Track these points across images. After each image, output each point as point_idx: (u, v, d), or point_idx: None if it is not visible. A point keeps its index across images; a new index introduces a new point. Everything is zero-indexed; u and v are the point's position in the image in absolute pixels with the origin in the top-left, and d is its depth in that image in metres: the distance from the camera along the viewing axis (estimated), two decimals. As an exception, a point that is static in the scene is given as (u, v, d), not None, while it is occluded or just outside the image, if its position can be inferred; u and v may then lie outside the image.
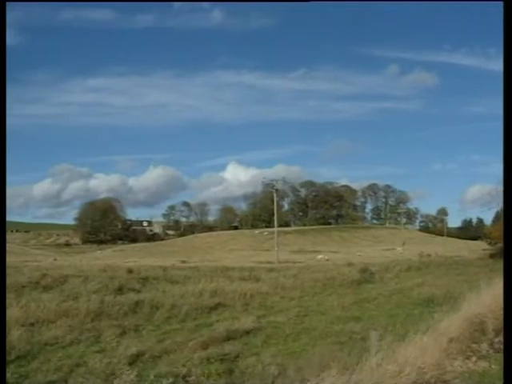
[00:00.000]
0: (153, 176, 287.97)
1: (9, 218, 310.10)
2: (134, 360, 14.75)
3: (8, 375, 13.13)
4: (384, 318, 21.46)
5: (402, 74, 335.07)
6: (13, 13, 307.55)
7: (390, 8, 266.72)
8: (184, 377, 12.76)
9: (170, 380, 12.30)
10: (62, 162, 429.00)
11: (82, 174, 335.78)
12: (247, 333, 18.84)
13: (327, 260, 77.92)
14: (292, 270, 47.59)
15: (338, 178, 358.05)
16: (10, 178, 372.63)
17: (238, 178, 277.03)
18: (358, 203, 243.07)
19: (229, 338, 17.84)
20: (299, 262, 70.96)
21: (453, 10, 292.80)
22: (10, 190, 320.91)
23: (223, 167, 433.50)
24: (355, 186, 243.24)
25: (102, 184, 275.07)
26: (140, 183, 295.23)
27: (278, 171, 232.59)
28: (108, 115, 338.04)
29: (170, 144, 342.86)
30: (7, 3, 13.41)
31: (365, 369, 10.44)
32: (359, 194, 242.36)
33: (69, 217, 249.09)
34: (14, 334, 17.24)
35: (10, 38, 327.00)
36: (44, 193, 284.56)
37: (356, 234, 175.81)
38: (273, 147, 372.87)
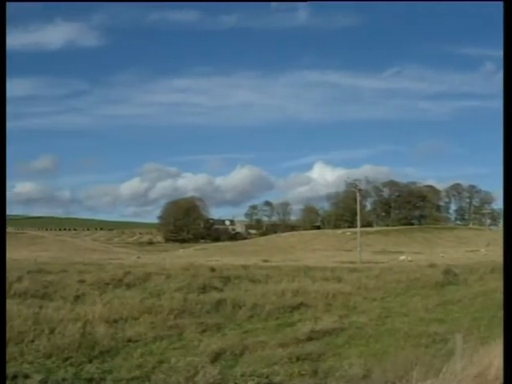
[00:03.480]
0: (239, 175, 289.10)
1: (96, 216, 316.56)
2: (215, 358, 14.79)
3: (92, 370, 13.34)
4: (468, 321, 21.10)
5: (494, 72, 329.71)
6: (98, 15, 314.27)
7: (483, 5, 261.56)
8: (267, 376, 12.75)
9: (253, 379, 12.31)
10: (150, 162, 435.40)
11: (171, 173, 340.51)
12: (329, 333, 18.72)
13: (410, 261, 76.89)
14: (374, 271, 47.12)
15: (424, 178, 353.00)
16: (97, 177, 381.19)
17: (324, 177, 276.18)
18: (441, 204, 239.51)
19: (311, 337, 17.76)
20: (382, 263, 70.22)
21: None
22: (97, 189, 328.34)
23: (309, 167, 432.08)
24: (439, 186, 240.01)
25: (189, 183, 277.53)
26: (227, 182, 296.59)
27: (366, 171, 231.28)
28: (193, 115, 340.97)
29: (256, 144, 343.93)
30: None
31: (449, 371, 10.25)
32: (443, 194, 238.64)
33: (154, 216, 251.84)
34: (98, 331, 17.50)
35: (96, 40, 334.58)
36: (132, 192, 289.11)
37: (439, 235, 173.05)
38: (359, 147, 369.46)
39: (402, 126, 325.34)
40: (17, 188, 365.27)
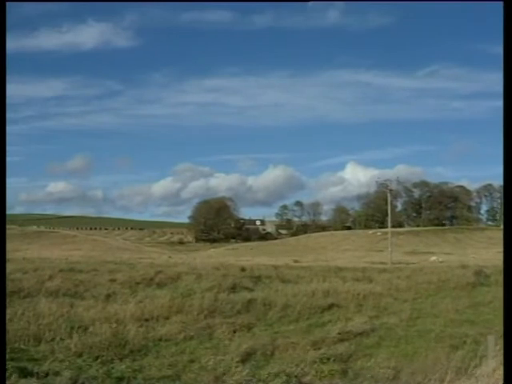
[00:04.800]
0: (272, 175, 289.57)
1: (127, 215, 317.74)
2: (246, 358, 14.78)
3: (123, 368, 13.38)
4: (499, 322, 20.89)
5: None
6: (130, 15, 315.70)
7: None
8: (297, 376, 12.72)
9: (283, 379, 12.30)
10: (183, 162, 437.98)
11: (204, 173, 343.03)
12: (360, 334, 18.66)
13: (441, 262, 76.46)
14: (405, 272, 46.91)
15: (457, 179, 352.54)
16: (129, 177, 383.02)
17: (357, 178, 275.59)
18: (473, 204, 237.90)
19: (342, 338, 17.71)
20: (412, 264, 69.87)
21: None
22: (129, 189, 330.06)
23: (341, 167, 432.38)
24: (471, 186, 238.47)
25: (222, 183, 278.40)
26: (259, 182, 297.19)
27: (399, 172, 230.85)
28: (225, 115, 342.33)
29: (288, 143, 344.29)
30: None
31: (481, 373, 10.19)
32: (474, 194, 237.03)
33: (185, 215, 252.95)
34: (129, 329, 17.57)
35: (128, 40, 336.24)
36: (164, 191, 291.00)
37: (471, 236, 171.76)
38: (391, 147, 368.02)
39: (434, 126, 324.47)
40: (49, 187, 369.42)
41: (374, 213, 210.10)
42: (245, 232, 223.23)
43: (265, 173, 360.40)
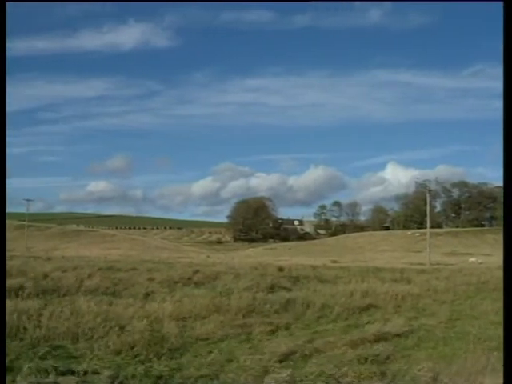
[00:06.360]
0: (313, 175, 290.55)
1: (166, 215, 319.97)
2: (284, 358, 14.72)
3: (161, 367, 13.38)
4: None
5: None
6: (170, 16, 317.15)
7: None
8: (336, 377, 12.65)
9: (322, 380, 12.23)
10: (223, 161, 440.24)
11: (244, 173, 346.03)
12: (398, 335, 18.48)
13: (480, 263, 75.99)
14: (444, 273, 46.59)
15: (498, 179, 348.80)
16: (169, 176, 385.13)
17: (397, 178, 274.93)
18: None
19: (379, 339, 17.58)
20: (451, 265, 69.50)
21: None
22: (169, 189, 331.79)
23: (381, 167, 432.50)
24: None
25: (262, 183, 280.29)
26: (300, 182, 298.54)
27: (440, 172, 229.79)
28: (265, 115, 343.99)
29: (328, 143, 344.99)
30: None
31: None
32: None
33: (224, 215, 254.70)
34: (167, 328, 17.60)
35: (168, 41, 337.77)
36: (204, 191, 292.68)
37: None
38: (432, 147, 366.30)
39: (476, 126, 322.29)
40: (90, 187, 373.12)
41: (412, 213, 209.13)
42: (283, 232, 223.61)
43: (306, 173, 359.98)
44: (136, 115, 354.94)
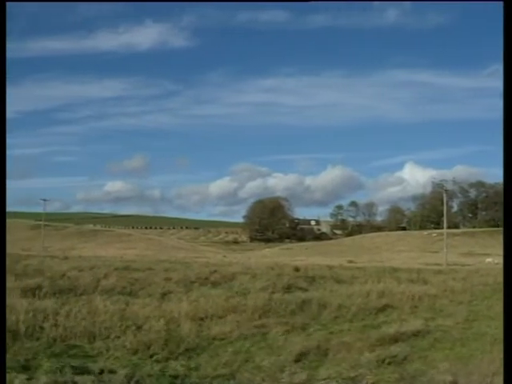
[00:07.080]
0: (330, 175, 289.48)
1: (185, 215, 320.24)
2: (300, 358, 14.71)
3: (178, 367, 13.41)
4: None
5: None
6: (187, 16, 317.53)
7: None
8: (352, 378, 12.62)
9: (337, 380, 12.21)
10: (241, 162, 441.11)
11: (262, 173, 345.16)
12: (415, 335, 18.42)
13: (497, 263, 75.38)
14: (461, 273, 46.39)
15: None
16: (187, 176, 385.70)
17: (415, 178, 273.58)
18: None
19: (396, 340, 17.52)
20: (468, 265, 69.20)
21: None
22: (187, 189, 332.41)
23: (398, 167, 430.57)
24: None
25: (279, 183, 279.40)
26: (317, 182, 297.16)
27: (458, 172, 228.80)
28: (282, 115, 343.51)
29: (345, 143, 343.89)
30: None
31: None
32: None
33: (241, 215, 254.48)
34: (183, 328, 17.64)
35: (185, 41, 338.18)
36: (221, 191, 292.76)
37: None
38: (450, 147, 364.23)
39: (493, 126, 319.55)
40: (107, 187, 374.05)
41: (429, 213, 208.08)
42: (299, 232, 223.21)
43: (323, 173, 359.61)
44: (153, 115, 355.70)
